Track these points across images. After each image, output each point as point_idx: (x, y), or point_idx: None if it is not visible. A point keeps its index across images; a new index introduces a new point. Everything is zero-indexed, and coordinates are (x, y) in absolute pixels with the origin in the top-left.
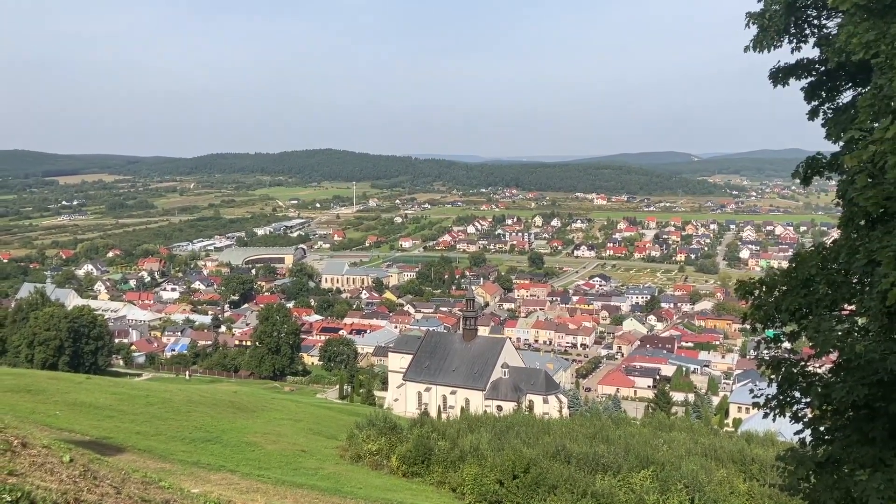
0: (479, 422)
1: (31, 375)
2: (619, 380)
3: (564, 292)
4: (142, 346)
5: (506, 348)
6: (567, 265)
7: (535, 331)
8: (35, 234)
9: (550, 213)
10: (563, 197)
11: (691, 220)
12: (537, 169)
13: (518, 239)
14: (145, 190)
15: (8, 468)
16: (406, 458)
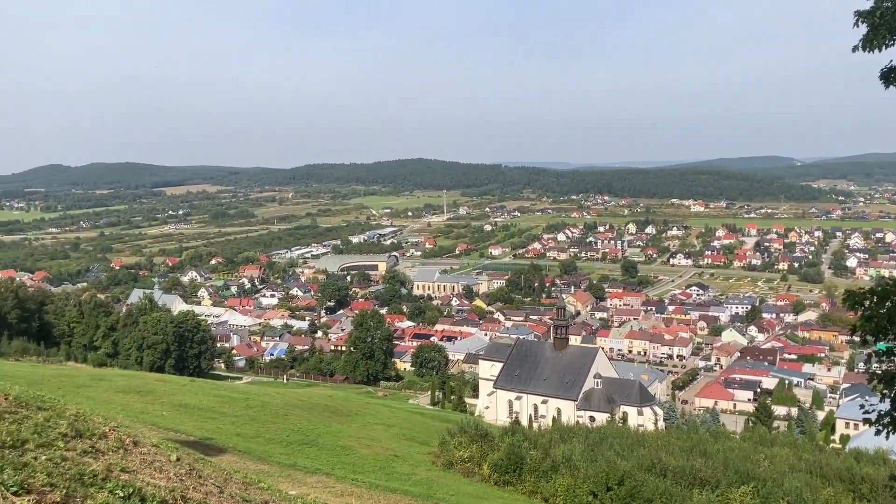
0: (571, 432)
1: (141, 377)
2: (718, 392)
3: (660, 302)
4: (242, 351)
5: (598, 358)
6: (662, 274)
7: (629, 341)
8: (144, 242)
9: (644, 220)
10: (658, 203)
11: (794, 227)
12: (630, 175)
13: (610, 247)
14: (246, 200)
15: (121, 465)
16: (498, 466)
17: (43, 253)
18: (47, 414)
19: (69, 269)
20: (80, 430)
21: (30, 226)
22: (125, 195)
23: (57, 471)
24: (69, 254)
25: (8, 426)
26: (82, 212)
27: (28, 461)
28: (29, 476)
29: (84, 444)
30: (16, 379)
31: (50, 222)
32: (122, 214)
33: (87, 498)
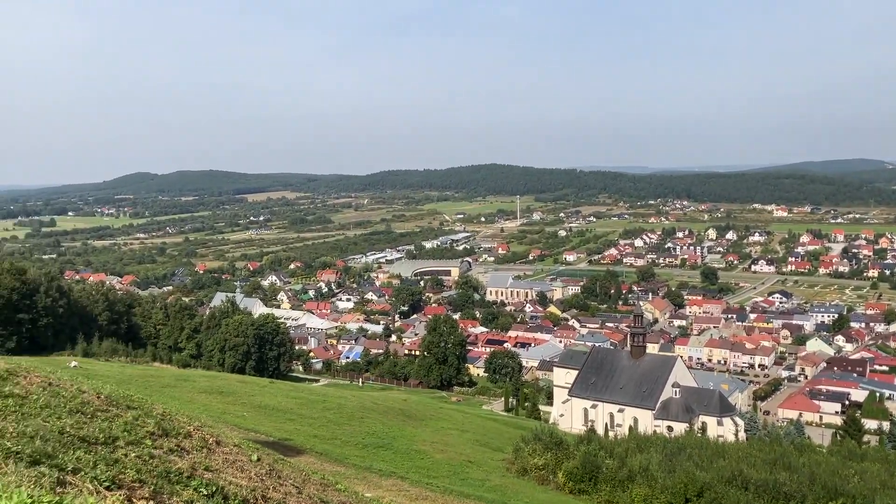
0: (648, 442)
1: (223, 378)
2: (803, 403)
3: (741, 309)
4: (319, 353)
5: (676, 367)
6: (744, 280)
7: (709, 349)
8: (227, 247)
9: (725, 225)
10: (740, 208)
11: (885, 233)
12: (711, 179)
13: (689, 253)
14: (323, 206)
15: (204, 464)
16: (573, 474)
17: (131, 257)
18: (136, 413)
19: (156, 273)
20: (166, 428)
21: (119, 231)
22: (209, 202)
23: (145, 468)
24: (156, 258)
25: (100, 423)
26: (168, 218)
27: (119, 457)
28: (120, 472)
29: (170, 443)
30: (106, 378)
31: (138, 228)
32: (205, 220)
33: (173, 495)
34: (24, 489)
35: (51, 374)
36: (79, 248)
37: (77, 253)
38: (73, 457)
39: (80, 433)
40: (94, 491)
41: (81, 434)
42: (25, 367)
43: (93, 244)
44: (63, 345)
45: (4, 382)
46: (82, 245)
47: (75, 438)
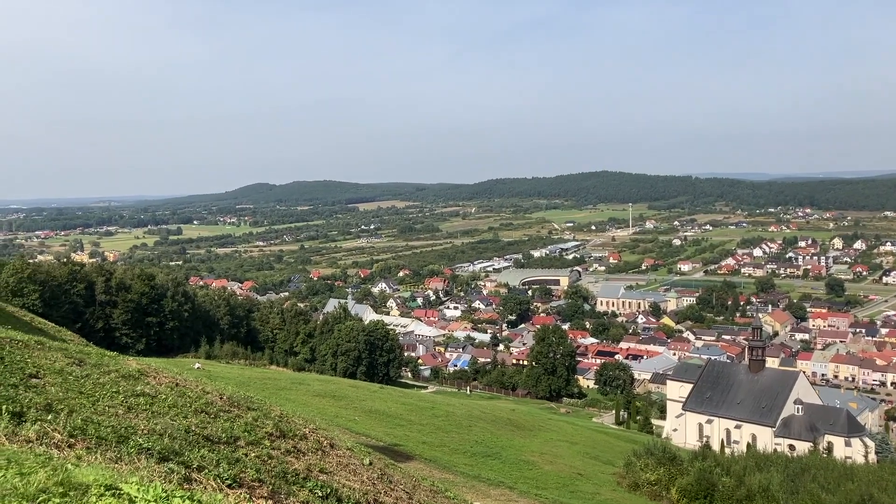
0: (768, 460)
1: (336, 382)
2: None
3: (871, 323)
4: (427, 360)
5: (799, 382)
6: (874, 293)
7: (835, 365)
8: (339, 255)
9: (852, 234)
10: (869, 216)
11: None
12: (836, 185)
13: (813, 263)
14: (431, 214)
15: (319, 466)
16: (687, 491)
17: (251, 264)
18: (255, 414)
19: (273, 280)
20: (283, 430)
21: (240, 239)
22: (323, 211)
23: (265, 467)
24: (273, 265)
25: (223, 423)
26: (285, 226)
27: (240, 457)
28: (241, 471)
29: (287, 444)
30: (227, 380)
31: (257, 236)
32: (320, 229)
33: (290, 495)
34: (157, 483)
35: (177, 375)
36: (203, 255)
37: (201, 260)
38: (199, 455)
39: (205, 432)
40: (217, 488)
41: (206, 433)
42: (154, 367)
43: (215, 251)
44: (188, 347)
45: (136, 382)
46: (206, 252)
47: (200, 437)
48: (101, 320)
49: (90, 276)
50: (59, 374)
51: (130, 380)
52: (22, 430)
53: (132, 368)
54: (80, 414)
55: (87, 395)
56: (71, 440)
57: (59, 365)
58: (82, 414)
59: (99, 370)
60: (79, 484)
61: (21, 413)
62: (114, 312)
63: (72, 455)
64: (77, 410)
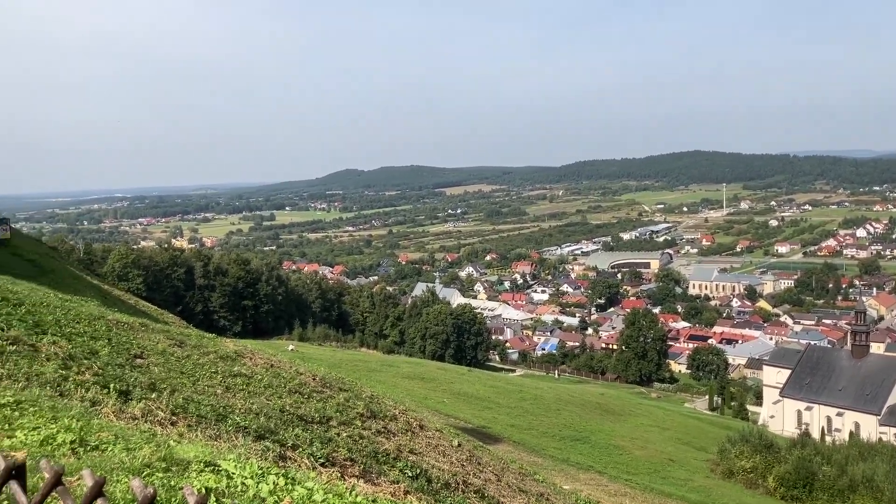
0: (872, 450)
1: (424, 365)
2: None
3: None
4: (515, 344)
5: None
6: None
7: None
8: (427, 239)
9: None
10: None
11: None
12: None
13: None
14: (518, 198)
15: (409, 447)
16: (785, 480)
17: (341, 249)
18: (347, 395)
19: (362, 264)
20: (374, 411)
21: (330, 224)
22: (410, 196)
23: (356, 447)
24: (363, 250)
25: (316, 404)
26: (374, 212)
27: (332, 436)
28: (333, 450)
29: (378, 425)
30: (320, 362)
31: (346, 221)
32: (407, 214)
33: (381, 475)
34: (254, 461)
35: (272, 357)
36: (295, 240)
37: (293, 245)
38: (293, 434)
39: (298, 412)
40: (311, 466)
41: (299, 413)
42: (251, 349)
43: (307, 237)
44: (281, 329)
45: (234, 363)
46: (298, 237)
47: (294, 417)
48: (200, 303)
49: (189, 261)
50: (162, 355)
51: (228, 361)
52: (128, 407)
53: (230, 350)
54: (182, 393)
55: (187, 375)
56: (173, 418)
57: (162, 346)
58: (183, 393)
59: (198, 351)
60: (180, 460)
61: (127, 391)
62: (212, 296)
63: (174, 432)
64: (178, 390)
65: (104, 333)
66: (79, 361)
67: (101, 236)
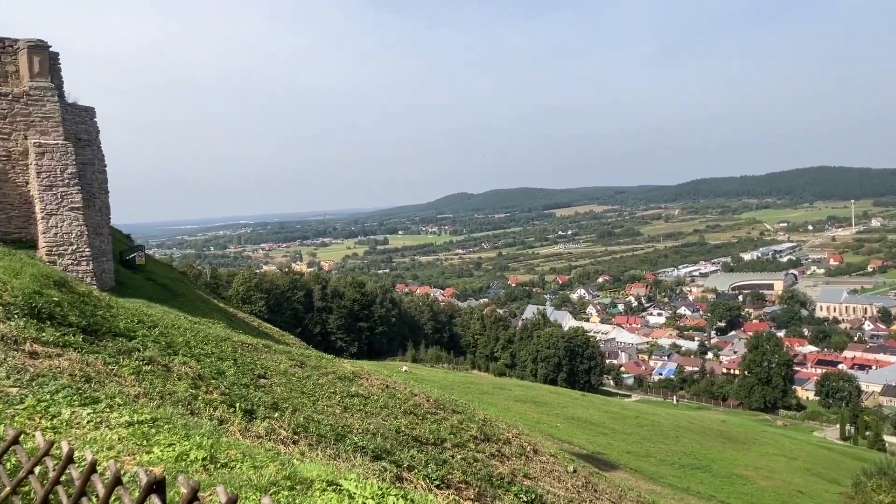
0: None
1: (536, 388)
2: None
3: None
4: (630, 368)
5: None
6: None
7: None
8: (536, 261)
9: None
10: None
11: None
12: None
13: None
14: (631, 218)
15: (523, 471)
16: None
17: (451, 272)
18: (461, 417)
19: (473, 286)
20: (487, 434)
21: (441, 247)
22: (520, 218)
23: (470, 470)
24: (473, 272)
25: (430, 425)
26: (483, 234)
27: (447, 458)
28: (448, 472)
29: (491, 448)
30: (432, 383)
31: (457, 244)
32: (517, 236)
33: (495, 499)
34: (373, 481)
35: (387, 378)
36: (407, 263)
37: (406, 268)
38: (408, 455)
39: (414, 433)
40: (426, 488)
41: (414, 434)
42: (367, 370)
43: (419, 260)
44: (395, 350)
45: (351, 383)
46: (410, 260)
47: (409, 437)
48: (318, 325)
49: (308, 285)
50: (284, 375)
51: (346, 381)
52: (253, 426)
53: (347, 371)
54: (303, 412)
55: (308, 395)
56: (295, 437)
57: (284, 367)
58: (304, 412)
59: (318, 372)
60: (304, 478)
61: (252, 410)
62: (329, 318)
63: (295, 451)
64: (299, 409)
65: (230, 354)
66: (207, 381)
67: (227, 261)
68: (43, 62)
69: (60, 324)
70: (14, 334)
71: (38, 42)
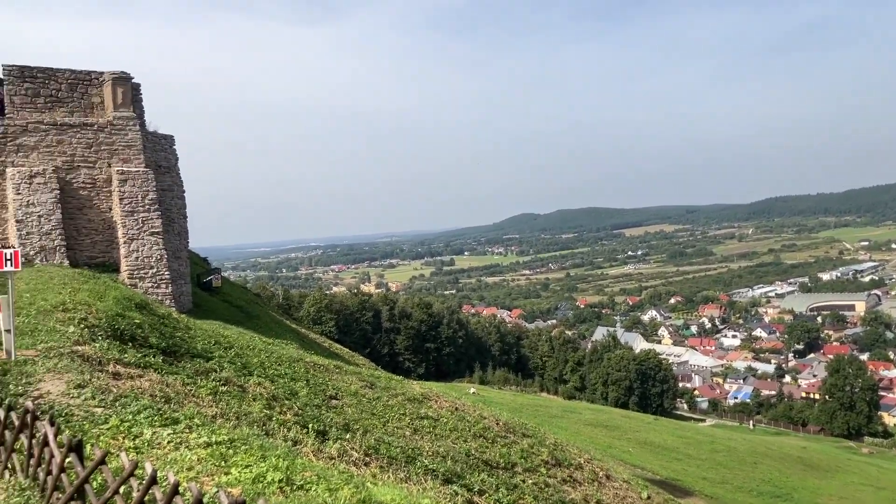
0: None
1: (607, 412)
2: None
3: None
4: (704, 392)
5: None
6: None
7: None
8: (606, 282)
9: None
10: None
11: None
12: None
13: None
14: (703, 237)
15: (596, 497)
16: None
17: (518, 292)
18: (531, 441)
19: (540, 308)
20: (558, 458)
21: (507, 268)
22: (588, 238)
23: (542, 495)
24: (540, 293)
25: (500, 449)
26: (550, 255)
27: (518, 483)
28: (519, 497)
29: (563, 473)
30: (501, 406)
31: (523, 265)
32: (585, 256)
33: None
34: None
35: (456, 400)
36: (473, 284)
37: (472, 289)
38: (479, 479)
39: (483, 456)
40: None
41: (484, 457)
42: (436, 392)
43: (485, 280)
44: (462, 372)
45: (420, 405)
46: (476, 281)
47: (479, 461)
48: (386, 345)
49: (377, 306)
50: (354, 396)
51: (415, 403)
52: (325, 447)
53: (416, 392)
54: (374, 434)
55: (378, 417)
56: (366, 458)
57: (354, 387)
58: (375, 434)
59: (387, 393)
60: (378, 502)
61: (324, 431)
62: (397, 338)
63: (368, 473)
64: (370, 431)
65: (303, 375)
66: (281, 402)
67: (298, 282)
68: (126, 93)
69: (141, 345)
70: (98, 355)
71: (122, 74)
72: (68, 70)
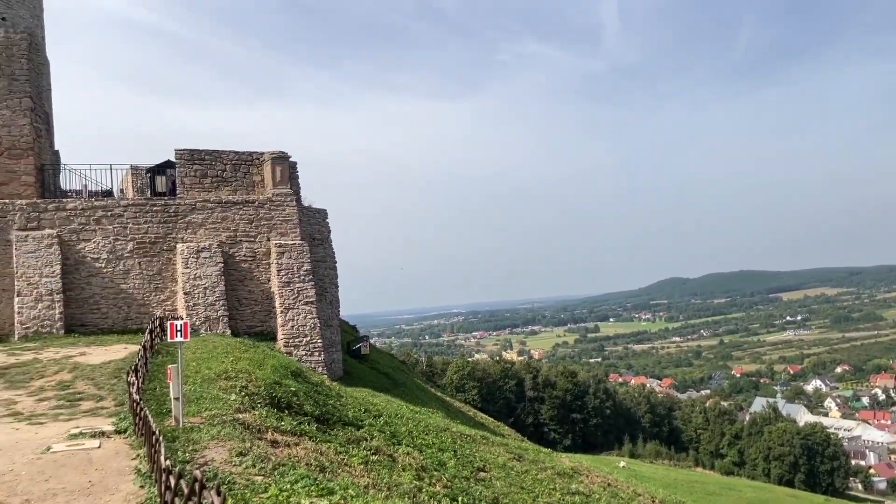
0: None
1: (771, 490)
2: None
3: None
4: (881, 470)
5: None
6: None
7: None
8: (763, 349)
9: None
10: None
11: None
12: None
13: None
14: (871, 301)
15: None
16: None
17: (668, 361)
18: None
19: (692, 377)
20: None
21: (655, 335)
22: (741, 303)
23: None
24: (692, 361)
25: None
26: (701, 321)
27: None
28: None
29: None
30: (654, 481)
31: (673, 332)
32: (739, 322)
33: None
34: None
35: (608, 475)
36: (620, 351)
37: (619, 356)
38: None
39: None
40: None
41: None
42: (586, 466)
43: (632, 348)
44: (611, 444)
45: (571, 480)
46: (623, 349)
47: None
48: (530, 415)
49: (519, 374)
50: (502, 469)
51: (565, 477)
52: None
53: (566, 466)
54: None
55: (527, 491)
56: None
57: (502, 459)
58: None
59: (536, 466)
60: None
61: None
62: (541, 408)
63: None
64: None
65: (450, 445)
66: (430, 473)
67: (440, 349)
68: (283, 171)
69: (297, 412)
70: (258, 423)
71: (280, 154)
72: (232, 152)
